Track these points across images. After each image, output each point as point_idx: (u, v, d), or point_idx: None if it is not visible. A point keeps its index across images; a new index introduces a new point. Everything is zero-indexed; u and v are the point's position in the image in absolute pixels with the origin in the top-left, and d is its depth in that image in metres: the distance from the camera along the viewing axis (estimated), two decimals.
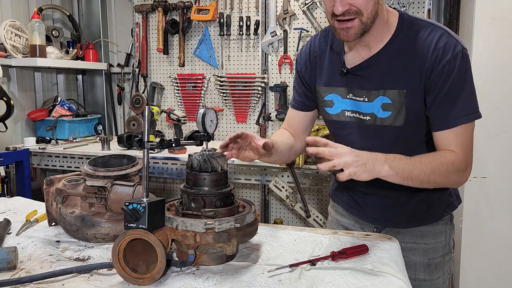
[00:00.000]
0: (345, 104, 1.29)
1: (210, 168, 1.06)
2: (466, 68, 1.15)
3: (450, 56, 1.13)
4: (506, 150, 2.15)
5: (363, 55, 1.24)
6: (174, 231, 1.00)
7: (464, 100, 1.15)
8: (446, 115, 1.16)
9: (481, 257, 2.25)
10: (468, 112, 1.16)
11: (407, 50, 1.18)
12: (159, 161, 2.64)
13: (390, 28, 1.20)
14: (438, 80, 1.14)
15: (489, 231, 2.23)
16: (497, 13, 2.09)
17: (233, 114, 3.27)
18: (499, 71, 2.11)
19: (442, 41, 1.14)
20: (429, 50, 1.15)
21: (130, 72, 3.55)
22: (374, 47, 1.22)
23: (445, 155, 1.15)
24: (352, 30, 1.12)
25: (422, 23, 1.20)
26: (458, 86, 1.14)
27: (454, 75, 1.13)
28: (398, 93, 1.19)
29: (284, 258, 1.10)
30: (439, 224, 1.37)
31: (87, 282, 0.97)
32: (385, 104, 1.22)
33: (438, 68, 1.14)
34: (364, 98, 1.25)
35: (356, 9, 1.10)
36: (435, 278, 1.37)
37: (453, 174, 1.15)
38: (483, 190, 2.20)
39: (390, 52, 1.20)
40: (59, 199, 1.22)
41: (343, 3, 1.09)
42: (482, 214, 2.22)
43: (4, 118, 2.67)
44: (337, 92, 1.30)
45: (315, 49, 1.36)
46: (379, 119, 1.24)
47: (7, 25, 2.89)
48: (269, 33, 3.05)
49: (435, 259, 1.36)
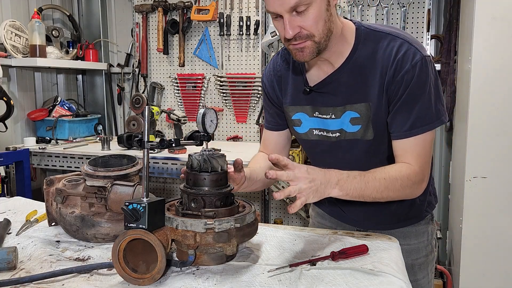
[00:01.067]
0: (312, 123, 1.28)
1: (210, 168, 1.06)
2: (426, 76, 1.13)
3: (409, 66, 1.11)
4: (506, 150, 2.15)
5: (326, 70, 1.22)
6: (174, 231, 1.00)
7: (422, 110, 1.14)
8: (401, 124, 1.15)
9: (481, 257, 2.25)
10: (424, 122, 1.14)
11: (368, 62, 1.17)
12: (159, 161, 2.64)
13: (349, 41, 1.18)
14: (397, 90, 1.13)
15: (489, 231, 2.22)
16: (497, 13, 2.09)
17: (233, 114, 3.27)
18: (499, 71, 2.11)
19: (401, 51, 1.12)
20: (389, 61, 1.13)
21: (130, 72, 3.55)
22: (335, 62, 1.20)
23: (400, 170, 1.14)
24: (307, 50, 1.11)
25: (380, 34, 1.17)
26: (416, 95, 1.13)
27: (412, 84, 1.12)
28: (365, 106, 1.18)
29: (284, 258, 1.10)
30: (420, 224, 1.37)
31: (87, 282, 0.97)
32: (354, 119, 1.20)
33: (397, 78, 1.12)
34: (331, 116, 1.23)
35: (307, 32, 1.08)
36: (420, 279, 1.37)
37: (407, 188, 1.15)
38: (483, 190, 2.20)
39: (351, 65, 1.18)
40: (59, 199, 1.22)
41: (292, 26, 1.07)
42: (482, 214, 2.22)
43: (4, 118, 2.67)
44: (304, 111, 1.29)
45: (278, 67, 1.34)
46: (349, 133, 1.23)
47: (7, 25, 2.89)
48: (269, 33, 3.05)
49: (418, 259, 1.36)
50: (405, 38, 1.15)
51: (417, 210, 1.36)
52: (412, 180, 1.15)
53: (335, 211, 1.44)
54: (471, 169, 2.20)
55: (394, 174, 1.13)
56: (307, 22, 1.07)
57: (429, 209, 1.38)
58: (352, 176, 1.09)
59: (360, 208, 1.34)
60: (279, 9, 1.06)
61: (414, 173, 1.15)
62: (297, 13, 1.06)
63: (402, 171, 1.14)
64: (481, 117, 2.14)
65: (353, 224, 1.42)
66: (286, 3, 1.04)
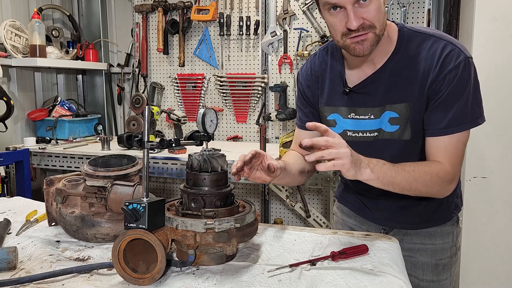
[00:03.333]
0: (346, 124, 1.29)
1: (210, 168, 1.06)
2: (468, 76, 1.13)
3: (453, 66, 1.12)
4: (506, 150, 2.15)
5: (367, 71, 1.22)
6: (174, 231, 1.00)
7: (460, 109, 1.14)
8: (438, 122, 1.15)
9: (481, 257, 2.25)
10: (461, 121, 1.14)
11: (410, 63, 1.17)
12: (159, 161, 2.64)
13: (392, 42, 1.20)
14: (439, 88, 1.14)
15: (489, 231, 2.23)
16: (497, 13, 2.09)
17: (233, 114, 3.27)
18: (499, 71, 2.11)
19: (445, 52, 1.13)
20: (433, 62, 1.14)
21: (130, 72, 3.55)
22: (378, 62, 1.21)
23: (430, 165, 1.14)
24: (367, 42, 1.11)
25: (423, 35, 1.18)
26: (456, 94, 1.13)
27: (454, 83, 1.12)
28: (405, 107, 1.18)
29: (284, 258, 1.10)
30: (446, 225, 1.37)
31: (87, 282, 0.97)
32: (392, 119, 1.21)
33: (440, 77, 1.13)
34: (370, 116, 1.24)
35: (369, 23, 1.09)
36: (443, 279, 1.37)
37: (436, 184, 1.14)
38: (483, 190, 2.20)
39: (393, 66, 1.19)
40: (59, 199, 1.22)
41: (357, 17, 1.07)
42: (482, 214, 2.22)
43: (4, 118, 2.67)
44: (339, 112, 1.29)
45: (316, 68, 1.35)
46: (387, 133, 1.23)
47: (7, 25, 2.89)
48: (269, 33, 3.05)
49: (443, 259, 1.36)
50: (449, 39, 1.16)
51: (444, 211, 1.35)
52: (441, 178, 1.14)
53: (361, 209, 1.44)
54: (471, 169, 2.20)
55: (423, 168, 1.13)
56: (370, 13, 1.07)
57: (455, 211, 1.38)
58: (382, 162, 1.09)
59: (386, 206, 1.34)
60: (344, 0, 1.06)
61: (444, 171, 1.14)
62: (359, 5, 1.07)
63: (432, 167, 1.14)
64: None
65: (378, 223, 1.41)
66: None
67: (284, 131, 3.11)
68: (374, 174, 1.05)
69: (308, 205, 2.74)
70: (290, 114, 2.90)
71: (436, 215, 1.35)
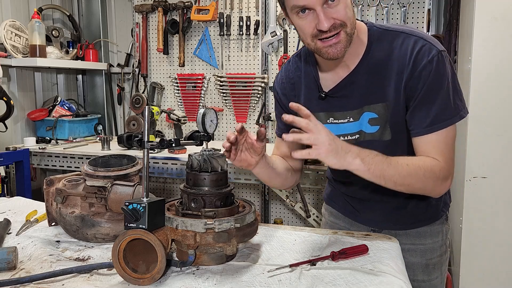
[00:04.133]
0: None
1: (210, 168, 1.06)
2: (443, 70, 1.12)
3: (426, 61, 1.10)
4: (506, 150, 2.15)
5: (342, 74, 1.21)
6: (174, 231, 1.00)
7: (442, 105, 1.12)
8: (422, 120, 1.14)
9: (481, 257, 2.25)
10: (446, 116, 1.13)
11: (383, 62, 1.16)
12: (159, 161, 2.64)
13: (363, 42, 1.17)
14: (416, 86, 1.12)
15: (489, 231, 2.22)
16: (497, 13, 2.09)
17: (233, 114, 3.27)
18: (499, 71, 2.11)
19: (417, 48, 1.12)
20: (406, 59, 1.12)
21: (130, 72, 3.55)
22: (351, 64, 1.19)
23: (425, 160, 1.12)
24: (340, 44, 1.09)
25: (394, 32, 1.17)
26: (434, 90, 1.12)
27: (430, 79, 1.11)
28: (383, 107, 1.17)
29: (284, 258, 1.10)
30: (436, 224, 1.37)
31: (87, 282, 0.97)
32: (372, 119, 1.19)
33: (415, 75, 1.12)
34: (349, 119, 1.22)
35: (340, 22, 1.06)
36: (433, 278, 1.37)
37: (430, 180, 1.12)
38: (483, 190, 2.20)
39: (366, 66, 1.18)
40: (59, 199, 1.22)
41: (327, 17, 1.05)
42: (482, 214, 2.22)
43: (4, 118, 2.67)
44: (317, 118, 1.25)
45: (291, 75, 1.33)
46: (368, 134, 1.22)
47: (7, 25, 2.89)
48: (269, 33, 3.05)
49: (433, 259, 1.36)
50: (419, 34, 1.15)
51: (433, 210, 1.35)
52: (436, 174, 1.11)
53: (349, 210, 1.43)
54: (471, 169, 2.20)
55: (418, 162, 1.11)
56: (340, 12, 1.06)
57: (444, 209, 1.38)
58: (374, 153, 1.06)
59: (375, 208, 1.34)
60: (312, 1, 1.04)
61: (439, 167, 1.12)
62: (328, 5, 1.05)
63: (427, 162, 1.12)
64: (481, 117, 2.14)
65: (368, 224, 1.40)
66: None
67: None
68: (364, 165, 1.02)
69: (308, 205, 2.74)
70: None
71: (426, 215, 1.34)
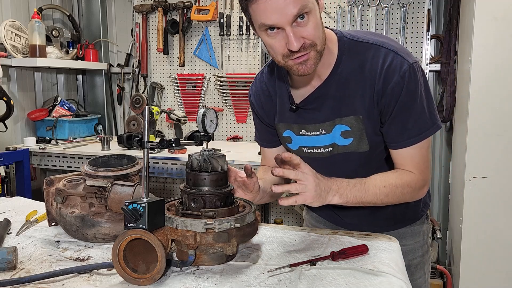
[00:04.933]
0: (300, 141, 1.27)
1: (210, 168, 1.06)
2: (416, 84, 1.11)
3: (397, 77, 1.09)
4: (506, 150, 2.15)
5: (314, 84, 1.19)
6: (174, 231, 1.00)
7: (416, 119, 1.13)
8: (397, 135, 1.14)
9: (481, 257, 2.25)
10: (419, 131, 1.13)
11: (354, 74, 1.14)
12: (159, 161, 2.64)
13: (332, 52, 1.15)
14: (389, 102, 1.12)
15: (489, 231, 2.22)
16: (497, 13, 2.09)
17: (233, 114, 3.27)
18: (499, 71, 2.11)
19: (387, 62, 1.10)
20: (376, 74, 1.11)
21: (130, 72, 3.55)
22: (322, 74, 1.17)
23: (401, 177, 1.14)
24: (310, 61, 1.05)
25: (364, 44, 1.14)
26: (408, 105, 1.11)
27: (402, 95, 1.10)
28: (355, 119, 1.16)
29: (284, 258, 1.10)
30: (416, 224, 1.37)
31: (87, 282, 0.97)
32: (344, 132, 1.19)
33: (387, 91, 1.11)
34: (321, 131, 1.22)
35: (310, 42, 1.03)
36: (417, 279, 1.37)
37: (407, 194, 1.16)
38: (483, 190, 2.20)
39: (337, 78, 1.16)
40: (59, 199, 1.22)
41: (297, 37, 1.01)
42: (482, 214, 2.22)
43: (4, 118, 2.68)
44: (291, 129, 1.27)
45: (264, 86, 1.31)
46: (342, 147, 1.21)
47: (7, 25, 2.89)
48: None
49: (415, 259, 1.36)
50: (389, 46, 1.12)
51: (413, 211, 1.35)
52: (412, 187, 1.15)
53: (330, 215, 1.43)
54: (471, 169, 2.20)
55: (394, 181, 1.13)
56: (309, 31, 1.02)
57: (424, 208, 1.38)
58: (352, 184, 1.10)
59: (355, 212, 1.33)
60: (281, 21, 0.99)
61: (414, 180, 1.15)
62: (297, 24, 1.01)
63: (403, 179, 1.14)
64: (481, 117, 2.14)
65: (349, 228, 1.40)
66: (288, 13, 0.98)
67: None
68: (342, 199, 1.09)
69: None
70: None
71: (405, 216, 1.35)
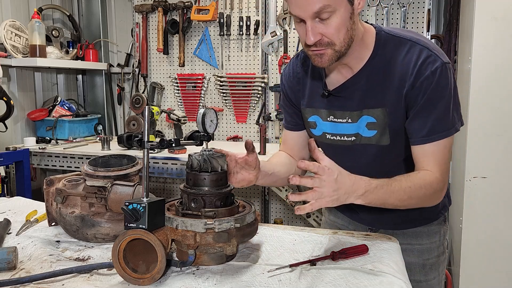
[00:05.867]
0: (326, 127, 1.28)
1: (210, 168, 1.06)
2: (446, 82, 1.12)
3: (429, 73, 1.10)
4: (506, 150, 2.15)
5: (346, 74, 1.22)
6: (174, 231, 1.00)
7: (439, 116, 1.13)
8: (420, 130, 1.15)
9: (481, 257, 2.25)
10: (442, 128, 1.14)
11: (387, 68, 1.16)
12: (159, 161, 2.64)
13: (369, 47, 1.17)
14: (416, 96, 1.13)
15: (489, 231, 2.22)
16: (497, 13, 2.09)
17: (233, 114, 3.27)
18: (499, 71, 2.11)
19: (421, 58, 1.12)
20: (409, 68, 1.12)
21: (130, 72, 3.55)
22: (355, 67, 1.19)
23: (424, 178, 1.14)
24: (326, 56, 1.10)
25: (401, 39, 1.17)
26: (434, 102, 1.12)
27: (431, 90, 1.11)
28: (382, 112, 1.18)
29: (284, 258, 1.10)
30: (433, 224, 1.37)
31: (87, 282, 0.97)
32: (370, 123, 1.20)
33: (417, 85, 1.12)
34: (348, 119, 1.23)
35: (328, 40, 1.07)
36: (431, 279, 1.37)
37: (429, 195, 1.16)
38: (483, 190, 2.20)
39: (369, 71, 1.18)
40: (59, 199, 1.22)
41: (314, 33, 1.06)
42: (482, 214, 2.22)
43: (4, 118, 2.67)
44: (318, 114, 1.29)
45: (298, 69, 1.34)
46: (365, 138, 1.22)
47: (7, 25, 2.89)
48: (269, 33, 3.05)
49: (430, 259, 1.36)
50: (425, 44, 1.14)
51: (431, 211, 1.35)
52: (434, 188, 1.15)
53: (347, 209, 1.44)
54: (471, 169, 2.20)
55: (418, 182, 1.13)
56: (329, 30, 1.06)
57: (443, 211, 1.39)
58: (380, 186, 1.08)
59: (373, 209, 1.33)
60: (302, 14, 1.05)
61: (436, 181, 1.15)
62: (320, 20, 1.05)
63: (426, 179, 1.14)
64: (481, 117, 2.14)
65: (365, 223, 1.42)
66: (308, 9, 1.03)
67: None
68: (365, 201, 1.07)
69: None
70: None
71: (423, 215, 1.35)
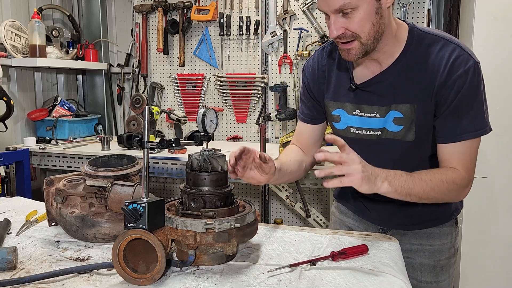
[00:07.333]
0: (351, 121, 1.28)
1: (210, 168, 1.06)
2: (477, 82, 1.13)
3: (462, 71, 1.10)
4: (506, 150, 2.15)
5: (374, 70, 1.22)
6: (174, 231, 1.00)
7: (472, 116, 1.14)
8: (451, 129, 1.15)
9: (481, 258, 2.25)
10: (474, 128, 1.14)
11: (418, 65, 1.16)
12: (159, 161, 2.64)
13: (400, 43, 1.18)
14: (448, 94, 1.13)
15: (489, 231, 2.23)
16: (497, 13, 2.09)
17: (233, 114, 3.27)
18: (499, 71, 2.11)
19: (453, 56, 1.12)
20: (441, 66, 1.13)
21: (130, 72, 3.55)
22: (384, 62, 1.20)
23: (446, 173, 1.14)
24: (353, 51, 1.12)
25: (433, 37, 1.17)
26: (467, 101, 1.13)
27: (464, 89, 1.11)
28: (410, 108, 1.18)
29: (284, 258, 1.10)
30: (445, 225, 1.37)
31: (87, 282, 0.97)
32: (397, 119, 1.20)
33: (449, 83, 1.12)
34: (375, 114, 1.23)
35: (352, 33, 1.09)
36: (441, 281, 1.37)
37: (453, 191, 1.16)
38: (483, 190, 2.20)
39: (400, 66, 1.18)
40: (59, 199, 1.22)
41: (337, 27, 1.09)
42: (482, 214, 2.22)
43: (4, 118, 2.67)
44: (344, 108, 1.29)
45: (323, 62, 1.34)
46: (390, 133, 1.23)
47: (7, 25, 2.89)
48: (269, 33, 3.05)
49: (441, 261, 1.36)
50: (458, 43, 1.15)
51: (443, 212, 1.35)
52: (458, 184, 1.15)
53: (359, 209, 1.44)
54: None
55: (440, 176, 1.14)
56: (352, 25, 1.08)
57: (455, 213, 1.38)
58: (399, 174, 1.10)
59: (383, 206, 1.34)
60: (326, 9, 1.09)
61: (460, 177, 1.15)
62: (343, 15, 1.08)
63: (448, 175, 1.14)
64: None
65: (376, 223, 1.41)
66: (331, 5, 1.07)
67: (284, 131, 3.11)
68: (392, 187, 1.07)
69: (308, 205, 2.74)
70: (290, 114, 2.90)
71: (435, 215, 1.34)
